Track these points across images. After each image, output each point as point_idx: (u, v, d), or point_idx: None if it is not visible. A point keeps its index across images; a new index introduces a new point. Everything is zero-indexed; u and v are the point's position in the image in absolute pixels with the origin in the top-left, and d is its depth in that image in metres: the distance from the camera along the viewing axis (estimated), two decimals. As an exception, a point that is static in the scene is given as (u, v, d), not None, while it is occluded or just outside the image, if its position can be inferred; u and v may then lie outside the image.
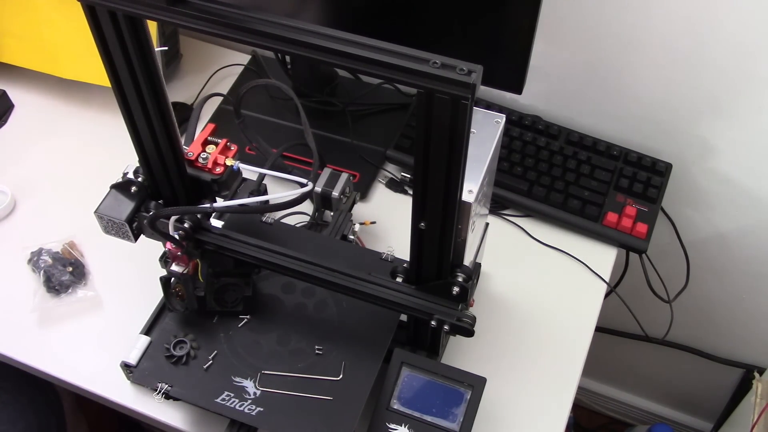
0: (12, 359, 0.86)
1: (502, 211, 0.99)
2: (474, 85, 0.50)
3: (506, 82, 0.88)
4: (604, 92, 1.01)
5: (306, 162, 0.99)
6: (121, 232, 0.78)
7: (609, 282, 0.94)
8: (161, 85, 0.66)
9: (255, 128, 0.91)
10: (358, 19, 0.92)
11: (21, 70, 1.09)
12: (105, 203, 0.77)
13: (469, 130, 0.55)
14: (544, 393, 0.84)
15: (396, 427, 0.71)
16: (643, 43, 0.93)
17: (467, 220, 0.65)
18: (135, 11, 0.57)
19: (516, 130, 1.01)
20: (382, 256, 0.81)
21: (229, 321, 0.79)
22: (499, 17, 0.82)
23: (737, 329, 1.28)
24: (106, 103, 1.08)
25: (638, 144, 1.02)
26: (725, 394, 1.41)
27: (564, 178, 0.97)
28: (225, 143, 0.77)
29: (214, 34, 0.55)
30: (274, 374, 0.75)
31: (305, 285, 0.80)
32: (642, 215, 0.95)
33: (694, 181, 1.05)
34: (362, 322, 0.78)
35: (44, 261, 0.91)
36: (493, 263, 0.91)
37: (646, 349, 1.38)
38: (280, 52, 0.79)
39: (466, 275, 0.69)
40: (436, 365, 0.74)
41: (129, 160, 0.77)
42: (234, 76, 1.14)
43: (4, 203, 0.97)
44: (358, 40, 0.52)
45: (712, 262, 1.16)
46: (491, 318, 0.88)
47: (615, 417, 1.71)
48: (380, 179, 1.02)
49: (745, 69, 0.89)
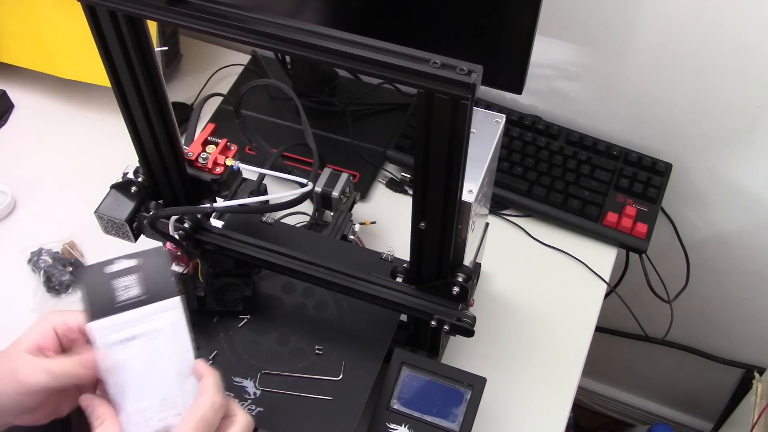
0: (12, 359, 0.86)
1: (502, 211, 0.99)
2: (474, 85, 0.50)
3: (506, 82, 0.88)
4: (604, 92, 1.01)
5: (306, 162, 0.99)
6: (121, 232, 0.78)
7: (609, 282, 0.94)
8: (161, 85, 0.66)
9: (255, 128, 0.91)
10: (358, 19, 0.92)
11: (21, 70, 1.09)
12: (105, 203, 0.77)
13: (469, 130, 0.55)
14: (544, 393, 0.84)
15: (396, 427, 0.71)
16: (643, 42, 0.93)
17: (467, 220, 0.65)
18: (135, 11, 0.57)
19: (516, 130, 1.01)
20: (382, 256, 0.81)
21: (229, 321, 0.79)
22: (499, 17, 0.82)
23: (737, 329, 1.28)
24: (106, 103, 1.08)
25: (638, 144, 1.02)
26: (725, 394, 1.41)
27: (564, 178, 0.97)
28: (225, 143, 0.77)
29: (214, 34, 0.55)
30: (274, 374, 0.75)
31: (305, 285, 0.80)
32: (642, 215, 0.95)
33: (694, 181, 1.05)
34: (362, 322, 0.78)
35: (44, 261, 0.91)
36: (493, 263, 0.91)
37: (646, 349, 1.38)
38: (280, 52, 0.79)
39: (466, 275, 0.69)
40: (436, 365, 0.74)
41: (129, 160, 0.77)
42: (234, 76, 1.14)
43: (4, 203, 0.97)
44: (358, 40, 0.52)
45: (712, 262, 1.16)
46: (491, 318, 0.88)
47: (615, 417, 1.71)
48: (380, 179, 1.02)
49: (745, 69, 0.89)
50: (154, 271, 0.59)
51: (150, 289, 0.58)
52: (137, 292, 0.58)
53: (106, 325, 0.57)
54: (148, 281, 0.58)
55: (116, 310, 0.57)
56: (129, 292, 0.58)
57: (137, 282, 0.58)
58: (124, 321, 0.57)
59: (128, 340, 0.57)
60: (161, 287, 0.58)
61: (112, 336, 0.57)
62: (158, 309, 0.58)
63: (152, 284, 0.58)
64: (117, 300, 0.58)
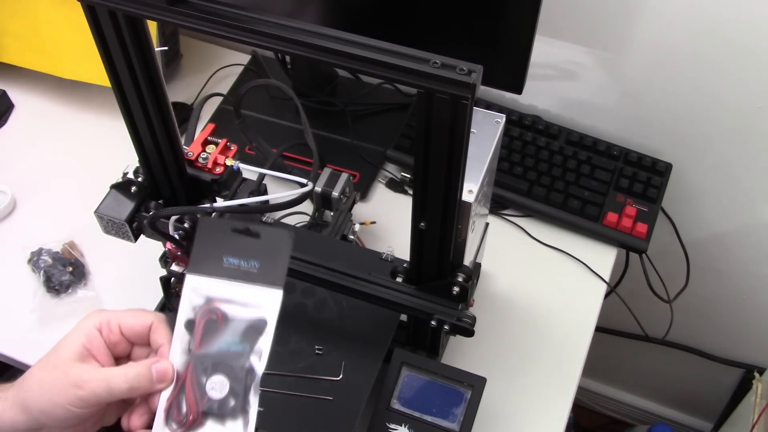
0: (12, 359, 0.86)
1: (502, 211, 0.99)
2: (474, 85, 0.50)
3: (506, 82, 0.88)
4: (604, 92, 1.01)
5: (306, 162, 0.99)
6: (121, 232, 0.78)
7: (609, 282, 0.94)
8: (161, 85, 0.66)
9: (255, 128, 0.91)
10: (358, 19, 0.92)
11: (21, 70, 1.09)
12: (105, 203, 0.77)
13: (469, 130, 0.55)
14: (544, 393, 0.84)
15: (396, 427, 0.71)
16: (643, 43, 0.93)
17: (467, 220, 0.65)
18: (135, 11, 0.57)
19: (516, 130, 1.01)
20: (382, 256, 0.81)
21: (229, 321, 0.79)
22: (499, 17, 0.82)
23: (737, 329, 1.28)
24: (106, 103, 1.08)
25: (638, 144, 1.02)
26: (725, 394, 1.41)
27: (564, 178, 0.97)
28: (225, 143, 0.77)
29: (214, 34, 0.55)
30: (274, 374, 0.75)
31: (305, 285, 0.80)
32: (642, 215, 0.95)
33: (694, 181, 1.05)
34: (362, 322, 0.78)
35: (44, 261, 0.91)
36: (493, 263, 0.91)
37: (646, 349, 1.38)
38: (280, 52, 0.79)
39: (466, 275, 0.69)
40: (436, 365, 0.74)
41: (129, 160, 0.77)
42: (234, 76, 1.14)
43: (4, 203, 0.97)
44: (358, 40, 0.52)
45: (712, 262, 1.16)
46: (491, 318, 0.88)
47: (615, 417, 1.71)
48: (380, 179, 1.02)
49: (744, 69, 0.89)
50: (272, 251, 0.56)
51: (263, 266, 0.55)
52: (249, 265, 0.55)
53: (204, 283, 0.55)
54: (264, 257, 0.55)
55: (220, 273, 0.55)
56: (240, 259, 0.55)
57: (253, 253, 0.55)
58: (222, 286, 0.55)
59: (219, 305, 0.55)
60: (273, 270, 0.55)
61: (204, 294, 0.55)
62: (260, 294, 0.55)
63: (267, 262, 0.55)
64: (224, 263, 0.55)
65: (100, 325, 0.55)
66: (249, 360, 0.55)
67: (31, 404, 0.53)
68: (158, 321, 0.56)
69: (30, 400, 0.53)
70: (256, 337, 0.55)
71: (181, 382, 0.54)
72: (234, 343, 0.55)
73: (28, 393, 0.53)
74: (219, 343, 0.55)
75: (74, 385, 0.52)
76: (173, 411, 0.54)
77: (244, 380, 0.54)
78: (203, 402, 0.54)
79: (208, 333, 0.55)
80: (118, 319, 0.56)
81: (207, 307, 0.55)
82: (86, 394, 0.52)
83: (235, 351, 0.55)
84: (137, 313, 0.57)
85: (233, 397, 0.54)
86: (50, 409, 0.52)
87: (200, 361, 0.55)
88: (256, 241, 0.56)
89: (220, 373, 0.54)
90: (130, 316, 0.56)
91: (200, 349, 0.55)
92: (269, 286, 0.55)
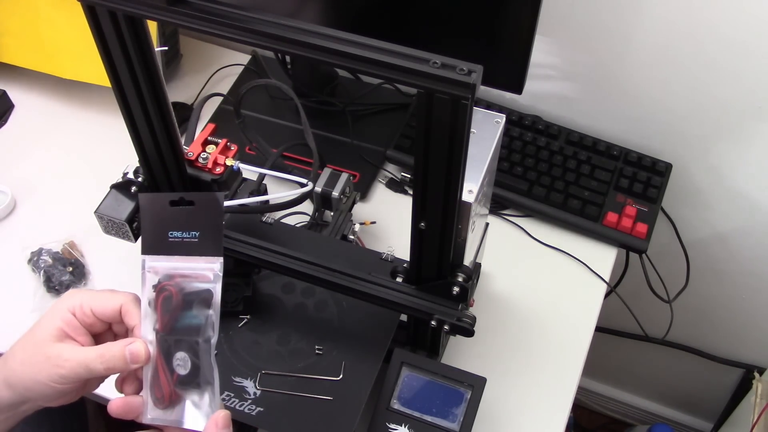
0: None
1: (502, 211, 0.99)
2: (474, 85, 0.50)
3: (506, 82, 0.88)
4: (604, 92, 1.01)
5: (306, 162, 0.99)
6: (121, 232, 0.78)
7: (609, 282, 0.94)
8: (161, 85, 0.66)
9: (255, 128, 0.91)
10: (358, 19, 0.92)
11: (21, 70, 1.09)
12: (105, 203, 0.77)
13: (469, 130, 0.55)
14: (544, 393, 0.84)
15: (396, 427, 0.71)
16: (642, 43, 0.93)
17: (467, 220, 0.65)
18: (135, 11, 0.57)
19: (516, 130, 1.01)
20: (382, 256, 0.81)
21: (229, 321, 0.79)
22: (499, 17, 0.82)
23: (737, 329, 1.28)
24: (106, 103, 1.08)
25: (638, 144, 1.02)
26: (725, 394, 1.41)
27: (564, 178, 0.97)
28: (225, 143, 0.77)
29: (214, 34, 0.55)
30: (274, 374, 0.75)
31: (305, 285, 0.80)
32: (642, 215, 0.95)
33: (694, 181, 1.05)
34: (362, 322, 0.78)
35: (44, 261, 0.91)
36: (493, 263, 0.91)
37: (646, 349, 1.38)
38: (280, 52, 0.79)
39: (466, 275, 0.69)
40: (436, 365, 0.74)
41: (129, 160, 0.77)
42: (234, 76, 1.14)
43: (4, 203, 0.97)
44: (358, 40, 0.52)
45: (712, 262, 1.16)
46: (491, 318, 0.88)
47: (615, 417, 1.71)
48: (380, 179, 1.02)
49: (744, 69, 0.89)
50: (208, 218, 0.58)
51: (202, 236, 0.57)
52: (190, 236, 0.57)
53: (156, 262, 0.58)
54: (202, 226, 0.57)
55: (167, 250, 0.58)
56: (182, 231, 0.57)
57: (191, 223, 0.57)
58: (170, 262, 0.58)
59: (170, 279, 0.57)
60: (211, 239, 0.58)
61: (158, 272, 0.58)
62: (203, 265, 0.57)
63: (205, 231, 0.57)
64: (169, 237, 0.57)
65: (73, 308, 0.57)
66: (206, 332, 0.57)
67: (14, 382, 0.56)
68: (128, 302, 0.58)
69: (13, 379, 0.56)
70: (207, 309, 0.57)
71: (155, 362, 0.57)
72: (191, 317, 0.57)
73: (11, 372, 0.57)
74: (178, 319, 0.57)
75: (54, 365, 0.55)
76: (155, 390, 0.57)
77: (203, 353, 0.56)
78: (174, 379, 0.56)
79: (165, 310, 0.57)
80: (89, 303, 0.58)
81: (161, 285, 0.58)
82: (66, 372, 0.55)
83: (194, 324, 0.57)
84: (107, 296, 0.58)
85: (197, 371, 0.56)
86: (33, 386, 0.56)
87: (164, 339, 0.57)
88: (192, 210, 0.58)
89: (181, 349, 0.56)
90: (101, 300, 0.58)
91: (163, 327, 0.57)
92: (210, 256, 0.58)
